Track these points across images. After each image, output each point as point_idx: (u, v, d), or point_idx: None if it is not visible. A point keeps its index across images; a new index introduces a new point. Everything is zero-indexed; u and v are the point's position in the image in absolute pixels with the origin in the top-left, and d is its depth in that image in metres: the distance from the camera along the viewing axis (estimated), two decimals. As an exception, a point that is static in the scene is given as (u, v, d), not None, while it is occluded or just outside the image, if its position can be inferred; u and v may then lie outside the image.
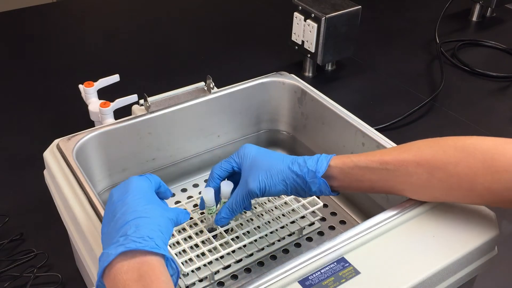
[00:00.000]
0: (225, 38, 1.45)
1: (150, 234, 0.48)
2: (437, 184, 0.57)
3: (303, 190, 0.64)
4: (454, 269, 0.57)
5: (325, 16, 1.14)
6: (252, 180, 0.63)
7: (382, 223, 0.59)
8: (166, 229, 0.52)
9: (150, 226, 0.49)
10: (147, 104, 0.77)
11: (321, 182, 0.62)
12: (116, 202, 0.52)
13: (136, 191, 0.53)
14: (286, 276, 0.53)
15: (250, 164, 0.65)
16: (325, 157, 0.63)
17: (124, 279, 0.45)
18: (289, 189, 0.64)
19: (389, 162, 0.59)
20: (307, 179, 0.62)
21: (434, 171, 0.56)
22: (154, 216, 0.51)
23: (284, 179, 0.63)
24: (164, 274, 0.47)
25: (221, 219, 0.66)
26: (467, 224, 0.59)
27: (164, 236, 0.50)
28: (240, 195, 0.64)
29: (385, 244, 0.57)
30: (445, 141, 0.58)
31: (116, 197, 0.53)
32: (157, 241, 0.48)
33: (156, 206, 0.53)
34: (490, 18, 1.61)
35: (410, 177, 0.58)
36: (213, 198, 0.67)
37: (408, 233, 0.58)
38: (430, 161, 0.56)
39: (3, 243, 0.81)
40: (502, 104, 1.21)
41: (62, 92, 1.18)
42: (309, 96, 0.84)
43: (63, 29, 1.49)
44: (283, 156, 0.65)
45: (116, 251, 0.46)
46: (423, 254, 0.56)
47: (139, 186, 0.54)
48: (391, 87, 1.26)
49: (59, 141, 0.72)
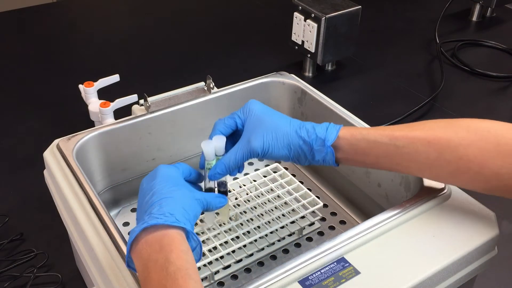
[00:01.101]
0: (225, 38, 1.45)
1: (171, 211, 0.51)
2: (445, 165, 0.56)
3: (305, 158, 0.62)
4: (454, 269, 0.57)
5: (325, 16, 1.14)
6: (255, 139, 0.60)
7: (382, 223, 0.59)
8: (191, 207, 0.54)
9: (172, 204, 0.52)
10: (147, 104, 0.77)
11: (329, 151, 0.60)
12: (145, 189, 0.56)
13: (163, 177, 0.56)
14: (286, 276, 0.53)
15: (255, 122, 0.62)
16: (334, 126, 0.61)
17: (148, 252, 0.49)
18: (291, 155, 0.61)
19: (399, 138, 0.57)
20: (314, 147, 0.60)
21: (444, 151, 0.56)
22: (177, 196, 0.53)
23: (289, 143, 0.61)
24: (183, 244, 0.49)
25: (216, 175, 0.62)
26: (467, 224, 0.59)
27: (187, 213, 0.52)
28: (240, 153, 0.61)
29: (385, 244, 0.57)
30: (458, 122, 0.57)
31: (146, 184, 0.56)
32: (177, 216, 0.51)
33: (182, 188, 0.55)
34: (490, 18, 1.61)
35: (419, 155, 0.57)
36: (213, 151, 0.62)
37: (408, 233, 0.58)
38: (441, 141, 0.56)
39: (3, 243, 0.81)
40: (502, 104, 1.21)
41: (62, 92, 1.18)
42: (309, 96, 0.84)
43: (63, 29, 1.50)
44: (290, 119, 0.62)
45: (140, 228, 0.50)
46: (423, 254, 0.56)
47: (166, 173, 0.57)
48: (391, 87, 1.26)
49: (59, 141, 0.72)
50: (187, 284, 0.46)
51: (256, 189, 0.79)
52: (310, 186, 0.87)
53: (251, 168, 0.91)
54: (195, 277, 0.47)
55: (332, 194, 0.86)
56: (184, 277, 0.46)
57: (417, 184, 0.67)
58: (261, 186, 0.79)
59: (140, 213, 0.54)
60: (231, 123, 0.64)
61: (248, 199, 0.78)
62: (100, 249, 0.57)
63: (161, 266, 0.47)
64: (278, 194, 0.78)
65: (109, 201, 0.82)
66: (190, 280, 0.46)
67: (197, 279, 0.47)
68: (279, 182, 0.80)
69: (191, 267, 0.47)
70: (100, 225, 0.60)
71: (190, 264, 0.48)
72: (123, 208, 0.83)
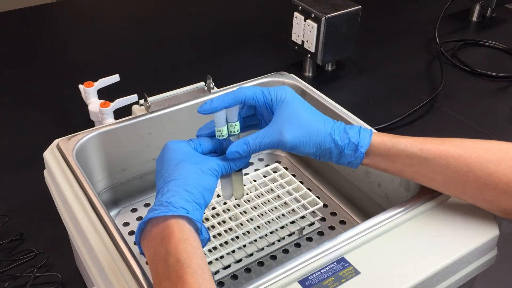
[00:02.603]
0: (225, 38, 1.45)
1: (171, 197, 0.51)
2: (473, 180, 0.57)
3: (330, 157, 0.60)
4: (454, 269, 0.57)
5: (325, 16, 1.14)
6: (288, 132, 0.57)
7: (382, 223, 0.59)
8: (196, 185, 0.52)
9: (173, 188, 0.51)
10: (147, 104, 0.77)
11: (360, 156, 0.59)
12: (156, 172, 0.56)
13: (168, 156, 0.55)
14: (286, 276, 0.53)
15: (289, 113, 0.58)
16: (365, 130, 0.60)
17: (152, 245, 0.50)
18: (317, 153, 0.60)
19: (430, 150, 0.58)
20: (345, 151, 0.59)
21: (475, 166, 0.56)
22: (180, 177, 0.52)
23: (320, 143, 0.59)
24: (182, 232, 0.49)
25: (234, 153, 0.57)
26: (467, 224, 0.60)
27: (190, 193, 0.51)
28: (267, 139, 0.57)
29: (385, 244, 0.57)
30: (488, 141, 0.58)
31: (157, 167, 0.56)
32: (176, 202, 0.50)
33: (186, 164, 0.54)
34: (490, 18, 1.61)
35: (448, 168, 0.57)
36: (224, 117, 0.58)
37: (408, 233, 0.58)
38: (472, 155, 0.56)
39: (3, 243, 0.81)
40: (502, 104, 1.21)
41: (62, 92, 1.18)
42: (309, 96, 0.84)
43: (63, 29, 1.50)
44: (324, 118, 0.60)
45: (143, 221, 0.51)
46: (423, 254, 0.56)
47: (171, 150, 0.55)
48: (391, 87, 1.26)
49: (59, 141, 0.72)
50: (185, 273, 0.46)
51: (256, 189, 0.79)
52: (310, 186, 0.87)
53: (251, 168, 0.91)
54: (194, 265, 0.47)
55: (332, 194, 0.86)
56: (182, 267, 0.47)
57: (417, 184, 0.67)
58: (261, 186, 0.79)
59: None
60: (259, 97, 0.60)
61: (248, 199, 0.78)
62: (100, 249, 0.57)
63: (163, 258, 0.48)
64: (278, 194, 0.78)
65: (109, 201, 0.82)
66: (188, 268, 0.47)
67: (196, 266, 0.47)
68: (279, 182, 0.80)
69: (190, 256, 0.48)
70: (100, 225, 0.60)
71: (189, 252, 0.48)
72: (123, 208, 0.83)
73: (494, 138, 1.09)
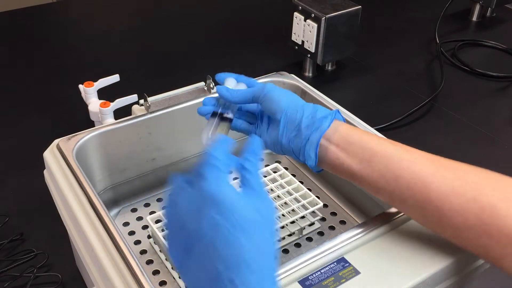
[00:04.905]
0: (225, 38, 1.45)
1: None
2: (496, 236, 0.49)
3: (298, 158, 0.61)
4: (454, 269, 0.57)
5: (325, 16, 1.14)
6: (285, 140, 0.60)
7: (383, 223, 0.59)
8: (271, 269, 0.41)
9: (253, 280, 0.38)
10: (147, 104, 0.77)
11: (319, 171, 0.62)
12: (192, 238, 0.39)
13: (223, 216, 0.38)
14: (286, 276, 0.53)
15: (286, 117, 0.59)
16: (314, 147, 0.58)
17: None
18: (288, 153, 0.61)
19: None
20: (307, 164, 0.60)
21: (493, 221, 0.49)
22: (258, 269, 0.38)
23: (293, 150, 0.60)
24: None
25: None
26: (467, 224, 0.59)
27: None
28: (265, 142, 0.62)
29: (385, 244, 0.57)
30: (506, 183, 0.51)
31: (189, 225, 0.39)
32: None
33: (259, 242, 0.39)
34: (490, 18, 1.61)
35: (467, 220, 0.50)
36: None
37: (408, 233, 0.58)
38: (500, 212, 0.48)
39: (3, 243, 0.81)
40: (502, 104, 1.21)
41: (62, 92, 1.18)
42: (309, 96, 0.84)
43: (63, 29, 1.50)
44: (308, 132, 0.59)
45: None
46: (423, 254, 0.56)
47: (218, 205, 0.39)
48: (391, 87, 1.26)
49: (59, 141, 0.72)
50: None
51: (256, 189, 0.79)
52: (310, 186, 0.87)
53: (251, 168, 0.91)
54: None
55: (332, 194, 0.86)
56: None
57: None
58: (261, 186, 0.79)
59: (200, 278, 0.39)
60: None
61: (248, 199, 0.78)
62: (100, 249, 0.57)
63: None
64: (278, 194, 0.78)
65: (109, 201, 0.82)
66: None
67: None
68: (279, 182, 0.80)
69: None
70: (100, 225, 0.60)
71: None
72: (123, 208, 0.83)
73: (494, 138, 1.09)
